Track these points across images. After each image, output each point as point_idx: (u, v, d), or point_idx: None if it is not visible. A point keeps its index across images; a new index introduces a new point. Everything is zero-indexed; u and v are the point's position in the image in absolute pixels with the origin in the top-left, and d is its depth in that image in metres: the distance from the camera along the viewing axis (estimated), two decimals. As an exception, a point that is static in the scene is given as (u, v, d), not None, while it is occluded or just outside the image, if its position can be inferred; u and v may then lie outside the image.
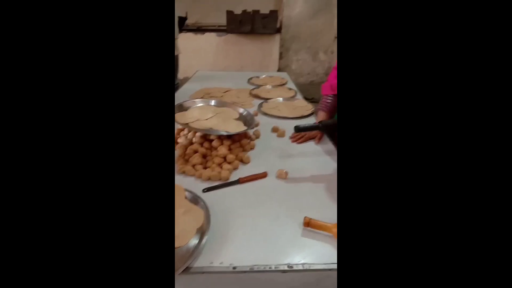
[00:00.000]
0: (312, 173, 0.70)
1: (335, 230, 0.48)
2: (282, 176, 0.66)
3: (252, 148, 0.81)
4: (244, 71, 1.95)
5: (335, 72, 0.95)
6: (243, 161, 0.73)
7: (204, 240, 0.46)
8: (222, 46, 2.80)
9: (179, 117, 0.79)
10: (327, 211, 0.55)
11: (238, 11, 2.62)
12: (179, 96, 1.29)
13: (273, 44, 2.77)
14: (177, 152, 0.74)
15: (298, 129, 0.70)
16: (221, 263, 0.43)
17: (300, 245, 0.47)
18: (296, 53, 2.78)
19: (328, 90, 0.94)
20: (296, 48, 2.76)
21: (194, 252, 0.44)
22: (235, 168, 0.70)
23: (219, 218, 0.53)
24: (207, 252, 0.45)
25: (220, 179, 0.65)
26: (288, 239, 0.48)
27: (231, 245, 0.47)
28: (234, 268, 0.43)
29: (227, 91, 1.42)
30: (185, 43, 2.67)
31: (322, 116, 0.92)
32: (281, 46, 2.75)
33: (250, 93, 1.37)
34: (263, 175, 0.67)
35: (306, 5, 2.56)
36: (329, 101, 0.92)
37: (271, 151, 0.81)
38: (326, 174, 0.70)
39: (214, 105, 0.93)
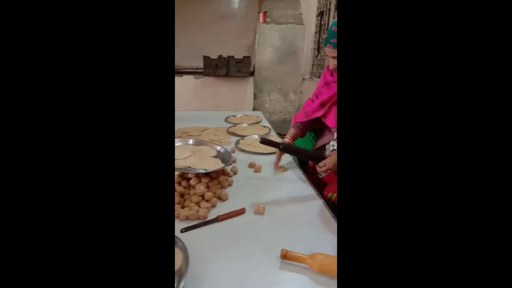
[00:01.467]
0: (288, 205, 0.73)
1: (310, 261, 0.50)
2: (260, 211, 0.68)
3: (230, 185, 0.83)
4: (221, 111, 2.04)
5: (308, 101, 1.05)
6: (221, 198, 0.74)
7: (182, 285, 0.45)
8: (199, 87, 2.94)
9: (157, 157, 0.80)
10: (303, 242, 0.57)
11: (214, 56, 2.83)
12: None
13: (247, 86, 2.98)
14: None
15: (262, 140, 0.80)
16: (200, 306, 0.42)
17: (278, 279, 0.48)
18: (268, 93, 2.99)
19: (302, 116, 1.00)
20: (268, 89, 2.98)
21: (172, 297, 0.42)
22: (213, 206, 0.71)
23: (197, 259, 0.52)
24: (185, 296, 0.44)
25: (198, 218, 0.65)
26: (266, 274, 0.49)
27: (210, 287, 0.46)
28: (213, 311, 0.42)
29: (204, 129, 1.46)
30: (162, 85, 2.77)
31: (291, 133, 1.00)
32: (255, 87, 2.96)
33: (227, 131, 1.43)
34: (241, 212, 0.68)
35: (274, 52, 2.87)
36: (302, 123, 1.00)
37: (248, 186, 0.83)
38: (302, 204, 0.73)
39: (192, 144, 0.96)
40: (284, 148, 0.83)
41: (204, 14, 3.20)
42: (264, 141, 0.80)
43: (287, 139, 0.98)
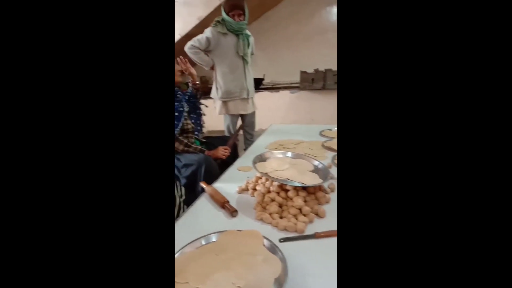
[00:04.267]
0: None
1: None
2: (363, 236, 0.62)
3: (327, 202, 0.80)
4: (316, 124, 2.02)
5: None
6: (319, 215, 0.73)
7: (281, 293, 0.46)
8: (294, 101, 3.04)
9: (259, 166, 0.88)
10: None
11: (310, 70, 2.87)
12: (256, 147, 1.44)
13: (345, 98, 2.83)
14: (256, 198, 0.80)
15: None
16: (299, 322, 0.42)
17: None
18: (369, 105, 2.73)
19: None
20: (369, 101, 2.72)
21: (272, 303, 0.44)
22: (311, 221, 0.70)
23: (295, 272, 0.52)
24: (284, 306, 0.45)
25: (296, 231, 0.66)
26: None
27: (309, 305, 0.45)
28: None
29: (299, 143, 1.48)
30: (262, 100, 3.03)
31: None
32: (353, 99, 2.78)
33: (323, 145, 1.40)
34: (341, 232, 0.64)
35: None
36: None
37: (348, 207, 0.78)
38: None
39: (290, 157, 0.99)
40: None
41: (304, 30, 3.31)
42: None
43: None
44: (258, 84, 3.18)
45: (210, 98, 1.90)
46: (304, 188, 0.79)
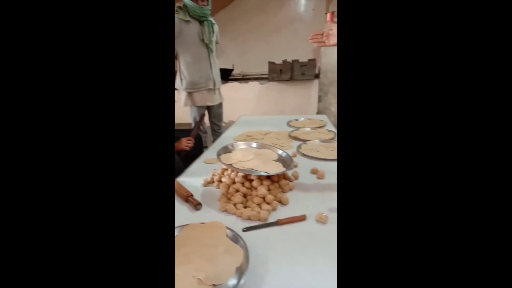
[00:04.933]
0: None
1: None
2: (322, 220, 0.65)
3: (291, 189, 0.82)
4: (284, 115, 2.06)
5: None
6: (282, 203, 0.74)
7: (242, 281, 0.47)
8: (264, 92, 3.04)
9: (224, 158, 0.87)
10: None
11: (278, 61, 2.88)
12: (224, 139, 1.42)
13: (312, 89, 2.91)
14: (221, 190, 0.80)
15: None
16: (258, 307, 0.43)
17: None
18: (334, 96, 2.84)
19: None
20: (334, 92, 2.83)
21: (233, 292, 0.45)
22: (274, 209, 0.71)
23: (257, 260, 0.53)
24: (245, 293, 0.46)
25: (259, 219, 0.67)
26: (329, 286, 0.46)
27: (269, 289, 0.46)
28: (271, 314, 0.42)
29: (267, 133, 1.50)
30: (231, 91, 2.99)
31: None
32: (320, 90, 2.86)
33: (289, 135, 1.43)
34: (302, 218, 0.67)
35: (343, 53, 2.71)
36: None
37: (310, 193, 0.81)
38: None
39: (255, 147, 0.99)
40: None
41: (272, 20, 3.30)
42: None
43: None
44: (228, 75, 3.12)
45: (175, 89, 1.82)
46: (268, 177, 0.80)
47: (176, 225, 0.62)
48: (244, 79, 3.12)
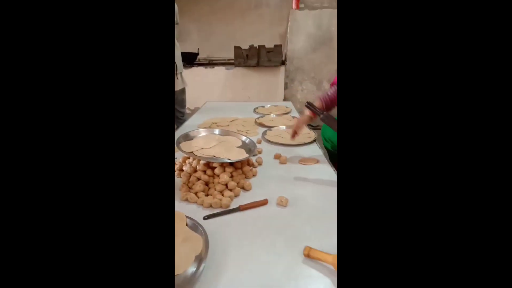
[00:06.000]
0: (313, 201, 0.70)
1: (333, 261, 0.47)
2: (282, 203, 0.67)
3: (254, 175, 0.83)
4: (251, 102, 2.04)
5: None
6: (245, 188, 0.75)
7: (201, 268, 0.46)
8: (230, 78, 2.97)
9: (184, 146, 0.83)
10: (327, 241, 0.54)
11: (245, 46, 2.82)
12: (188, 127, 1.36)
13: (278, 75, 2.92)
14: (182, 179, 0.77)
15: (307, 103, 0.87)
16: (217, 292, 0.43)
17: (298, 276, 0.46)
18: (301, 83, 2.90)
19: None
20: (300, 79, 2.88)
21: (191, 280, 0.44)
22: (236, 195, 0.71)
23: (218, 246, 0.53)
24: (204, 281, 0.45)
25: (221, 206, 0.66)
26: (286, 269, 0.48)
27: (228, 274, 0.47)
28: (229, 298, 0.42)
29: (233, 120, 1.48)
30: (196, 76, 2.86)
31: (317, 103, 0.92)
32: (286, 77, 2.89)
33: (255, 122, 1.43)
34: (264, 203, 0.68)
35: (308, 40, 2.74)
36: (329, 93, 0.91)
37: (273, 178, 0.82)
38: (328, 202, 0.70)
39: (218, 134, 0.97)
40: (324, 118, 0.84)
41: (237, 4, 3.18)
42: (309, 105, 0.86)
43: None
44: (192, 59, 2.97)
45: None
46: (231, 164, 0.79)
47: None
48: (210, 64, 3.00)
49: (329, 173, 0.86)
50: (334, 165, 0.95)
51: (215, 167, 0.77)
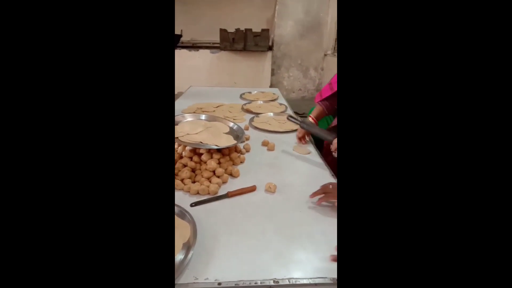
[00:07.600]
0: (301, 187, 0.70)
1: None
2: (271, 189, 0.67)
3: (242, 162, 0.82)
4: (237, 87, 2.00)
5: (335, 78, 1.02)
6: (233, 175, 0.74)
7: (189, 255, 0.45)
8: (215, 62, 2.88)
9: (170, 131, 0.80)
10: (316, 227, 0.55)
11: (231, 29, 2.72)
12: (171, 111, 1.31)
13: (265, 61, 2.87)
14: (167, 166, 0.74)
15: (288, 117, 0.98)
16: (206, 279, 0.43)
17: (286, 260, 0.47)
18: (287, 69, 2.87)
19: (327, 90, 1.01)
20: (287, 65, 2.85)
21: (180, 267, 0.43)
22: (224, 182, 0.70)
23: (206, 233, 0.52)
24: (192, 267, 0.45)
25: (208, 193, 0.65)
26: (275, 254, 0.48)
27: (217, 261, 0.46)
28: (219, 284, 0.42)
29: (219, 106, 1.44)
30: (179, 59, 2.74)
31: (315, 112, 1.05)
32: (273, 63, 2.84)
33: (242, 108, 1.40)
34: (252, 189, 0.67)
35: (296, 26, 2.69)
36: (328, 100, 1.02)
37: (261, 165, 0.82)
38: (315, 188, 0.71)
39: (204, 120, 0.94)
40: (304, 126, 0.92)
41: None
42: (290, 117, 0.97)
43: (310, 118, 1.05)
44: (176, 41, 2.83)
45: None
46: (219, 150, 0.77)
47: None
48: (194, 47, 2.88)
49: (316, 159, 0.87)
50: (320, 150, 0.96)
51: (202, 154, 0.75)
